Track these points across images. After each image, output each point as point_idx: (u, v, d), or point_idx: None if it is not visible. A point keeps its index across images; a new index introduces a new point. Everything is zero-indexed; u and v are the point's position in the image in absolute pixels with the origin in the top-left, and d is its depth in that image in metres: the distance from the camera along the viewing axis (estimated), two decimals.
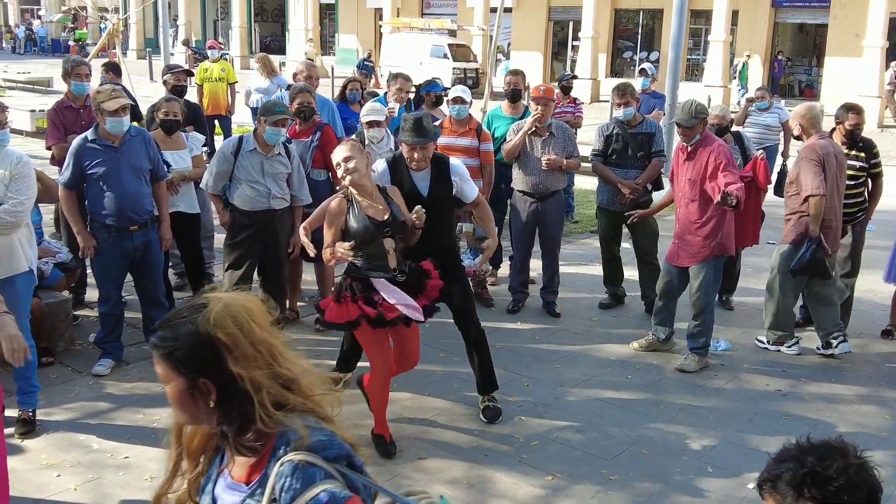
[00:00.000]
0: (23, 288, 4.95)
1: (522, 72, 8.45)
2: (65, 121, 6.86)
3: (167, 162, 6.58)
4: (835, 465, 1.78)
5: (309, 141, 6.77)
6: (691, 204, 6.12)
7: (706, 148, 6.02)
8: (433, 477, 4.66)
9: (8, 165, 4.81)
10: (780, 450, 1.89)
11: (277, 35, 42.72)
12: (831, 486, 1.76)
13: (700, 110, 6.04)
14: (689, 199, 6.13)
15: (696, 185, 6.06)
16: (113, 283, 5.88)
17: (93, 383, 5.74)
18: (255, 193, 6.14)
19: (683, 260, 6.24)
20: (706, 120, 6.16)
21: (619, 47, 32.06)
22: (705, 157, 5.98)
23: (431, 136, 5.23)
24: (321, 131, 6.82)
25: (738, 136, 7.45)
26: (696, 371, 6.21)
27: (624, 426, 5.37)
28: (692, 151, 6.08)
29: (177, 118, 6.69)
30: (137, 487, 4.46)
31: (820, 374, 6.28)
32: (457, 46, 30.41)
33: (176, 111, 6.69)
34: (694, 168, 6.06)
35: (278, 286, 6.46)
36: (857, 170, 6.72)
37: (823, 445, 1.83)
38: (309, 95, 6.88)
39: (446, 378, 5.95)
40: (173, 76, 7.96)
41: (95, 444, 4.90)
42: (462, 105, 7.38)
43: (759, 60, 27.77)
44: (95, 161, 5.61)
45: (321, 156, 6.75)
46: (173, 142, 6.72)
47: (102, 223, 5.70)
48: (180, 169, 6.60)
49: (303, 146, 6.71)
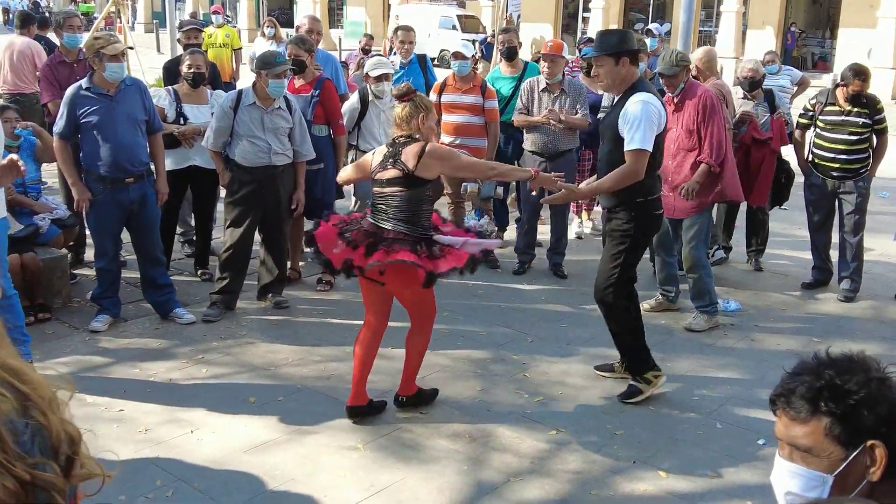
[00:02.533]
0: (1, 235, 4.83)
1: (514, 29, 8.28)
2: (59, 76, 6.71)
3: (185, 115, 6.44)
4: (854, 378, 1.64)
5: (309, 96, 6.59)
6: (689, 154, 6.05)
7: (693, 96, 6.01)
8: (435, 430, 4.54)
9: None
10: (796, 363, 1.74)
11: (285, 8, 42.37)
12: (850, 400, 1.62)
13: (682, 59, 6.04)
14: (686, 150, 6.06)
15: (692, 134, 6.01)
16: (109, 237, 5.76)
17: (89, 339, 5.64)
18: (255, 149, 5.98)
19: (679, 212, 6.15)
20: (689, 68, 6.15)
21: (630, 19, 31.66)
22: (695, 104, 5.98)
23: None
24: (322, 86, 6.64)
25: (768, 93, 7.29)
26: (705, 330, 6.08)
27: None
28: (679, 102, 6.05)
29: (201, 70, 6.50)
30: (131, 440, 4.36)
31: (833, 334, 6.14)
32: (466, 17, 30.12)
33: (200, 63, 6.51)
34: (685, 118, 6.03)
35: (278, 244, 6.33)
36: (860, 126, 6.64)
37: (844, 358, 1.69)
38: (298, 48, 6.62)
39: (449, 336, 5.83)
40: (184, 34, 7.74)
41: (89, 398, 4.78)
42: (463, 61, 7.22)
43: (772, 32, 27.37)
44: (90, 109, 5.48)
45: (322, 111, 6.58)
46: (197, 95, 6.56)
47: (98, 175, 5.58)
48: (198, 124, 6.44)
49: (303, 101, 6.53)
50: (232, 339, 5.69)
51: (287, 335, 5.78)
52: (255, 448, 4.29)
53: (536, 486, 4.06)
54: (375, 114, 6.92)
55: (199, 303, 6.27)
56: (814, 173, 6.93)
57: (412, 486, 4.02)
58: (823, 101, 6.83)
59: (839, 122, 6.67)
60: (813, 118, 6.88)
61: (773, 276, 7.42)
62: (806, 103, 7.07)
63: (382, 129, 6.94)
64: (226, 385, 5.02)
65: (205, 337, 5.70)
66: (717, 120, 5.99)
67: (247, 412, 4.67)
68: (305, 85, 6.65)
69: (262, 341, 5.68)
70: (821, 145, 6.82)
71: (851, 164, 6.71)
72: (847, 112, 6.63)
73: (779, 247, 8.11)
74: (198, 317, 5.96)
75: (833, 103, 6.73)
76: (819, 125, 6.82)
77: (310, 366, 5.31)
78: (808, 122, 6.95)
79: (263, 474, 4.07)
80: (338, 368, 5.26)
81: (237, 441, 4.37)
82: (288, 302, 6.31)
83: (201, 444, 4.34)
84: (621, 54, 4.68)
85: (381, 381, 4.99)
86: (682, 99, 6.04)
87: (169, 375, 5.11)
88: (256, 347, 5.57)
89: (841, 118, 6.66)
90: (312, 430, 4.51)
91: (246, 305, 6.29)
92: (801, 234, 7.80)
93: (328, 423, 4.59)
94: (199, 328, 5.82)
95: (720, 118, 6.05)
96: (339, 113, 6.67)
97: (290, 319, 6.08)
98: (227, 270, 6.11)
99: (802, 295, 6.97)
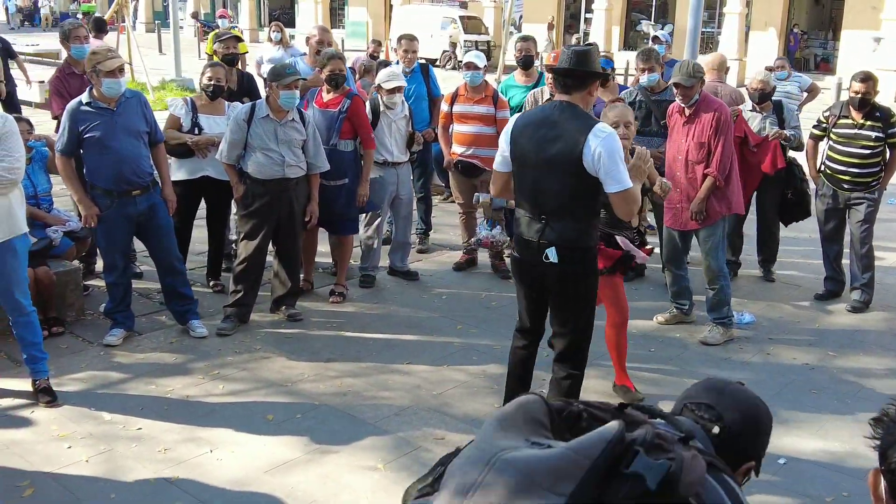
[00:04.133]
0: (22, 251, 4.83)
1: (533, 38, 8.25)
2: (69, 87, 6.67)
3: (200, 125, 6.42)
4: None
5: (337, 111, 6.55)
6: (698, 167, 6.02)
7: (708, 110, 5.95)
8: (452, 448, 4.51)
9: None
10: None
11: (286, 8, 42.34)
12: None
13: (698, 70, 5.99)
14: (696, 162, 6.02)
15: (703, 147, 5.97)
16: (118, 251, 5.75)
17: (104, 353, 5.62)
18: (268, 161, 5.96)
19: (691, 224, 6.12)
20: (703, 80, 6.11)
21: (632, 20, 31.65)
22: (709, 118, 5.92)
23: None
24: (351, 101, 6.60)
25: (777, 105, 7.26)
26: (720, 344, 6.06)
27: (647, 398, 5.22)
28: (693, 113, 6.00)
29: (220, 83, 6.50)
30: (150, 459, 4.34)
31: (848, 348, 6.12)
32: (468, 18, 30.08)
33: (220, 76, 6.50)
34: (697, 130, 5.98)
35: (292, 256, 6.31)
36: (873, 140, 6.63)
37: None
38: (341, 63, 6.63)
39: (464, 350, 5.82)
40: (222, 45, 7.48)
41: (107, 416, 4.78)
42: (475, 71, 7.21)
43: (775, 33, 27.37)
44: (92, 124, 5.46)
45: (349, 126, 6.55)
46: (213, 106, 6.54)
47: (103, 189, 5.57)
48: (213, 134, 6.42)
49: (330, 116, 6.52)
50: (247, 354, 5.67)
51: (302, 350, 5.76)
52: (276, 468, 4.27)
53: None
54: (387, 124, 6.91)
55: (211, 315, 6.25)
56: (825, 184, 6.92)
57: None
58: (837, 114, 6.82)
59: (852, 135, 6.66)
60: (826, 130, 6.87)
61: (786, 287, 7.41)
62: (820, 115, 7.05)
63: (394, 140, 6.94)
64: (243, 402, 5.00)
65: (220, 351, 5.68)
66: (728, 136, 5.97)
67: (265, 431, 4.65)
68: (333, 99, 6.61)
69: (278, 356, 5.66)
70: (833, 158, 6.82)
71: (863, 177, 6.71)
72: (860, 125, 6.62)
73: (790, 256, 8.09)
74: (211, 330, 5.95)
75: (846, 116, 6.72)
76: (832, 138, 6.82)
77: (326, 382, 5.29)
78: (822, 133, 6.94)
79: (285, 496, 4.05)
80: (354, 384, 5.24)
81: (257, 461, 4.36)
82: (301, 314, 6.29)
83: (221, 464, 4.32)
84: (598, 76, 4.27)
85: (399, 398, 4.98)
86: (697, 111, 5.99)
87: (186, 392, 5.09)
88: (272, 362, 5.55)
89: (854, 131, 6.65)
90: (332, 448, 4.49)
91: (259, 318, 6.27)
92: (811, 245, 7.79)
93: (347, 441, 4.57)
94: (213, 342, 5.81)
95: (731, 135, 6.04)
96: (368, 127, 6.62)
97: (304, 333, 6.06)
98: (240, 283, 6.09)
99: (815, 306, 6.96)
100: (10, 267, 4.72)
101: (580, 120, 4.03)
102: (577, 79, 4.09)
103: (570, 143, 3.98)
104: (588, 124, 4.00)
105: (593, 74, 4.13)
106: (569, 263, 4.14)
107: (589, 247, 4.23)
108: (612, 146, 3.97)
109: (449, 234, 8.60)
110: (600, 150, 3.92)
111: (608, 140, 3.96)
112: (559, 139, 4.02)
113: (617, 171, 3.97)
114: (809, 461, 4.55)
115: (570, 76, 4.09)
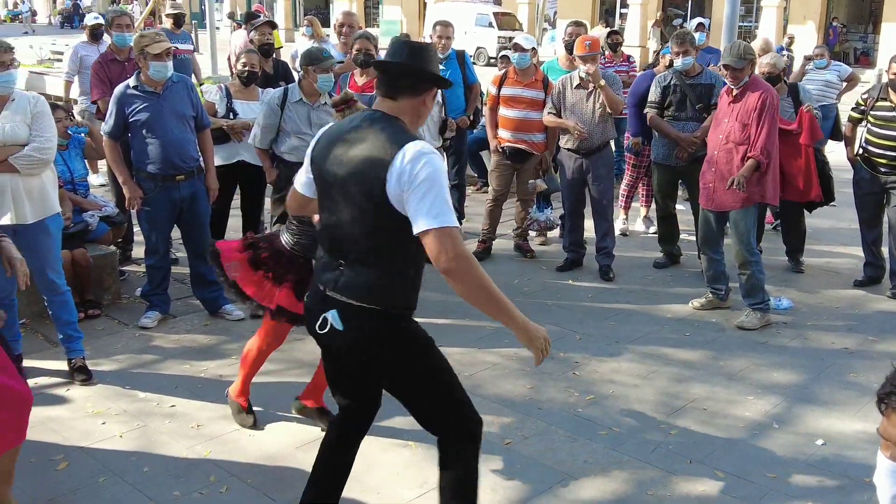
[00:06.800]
0: (56, 231, 4.90)
1: (584, 23, 8.18)
2: (110, 74, 6.78)
3: (235, 111, 6.46)
4: None
5: (371, 95, 6.57)
6: (740, 147, 5.92)
7: (755, 91, 5.88)
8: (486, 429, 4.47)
9: (26, 107, 4.71)
10: None
11: (322, 7, 42.57)
12: None
13: (748, 51, 5.90)
14: (738, 142, 5.93)
15: (746, 128, 5.88)
16: (160, 235, 5.79)
17: (139, 335, 5.67)
18: (302, 145, 5.96)
19: (726, 204, 6.04)
20: (754, 62, 6.02)
21: (668, 14, 31.36)
22: (755, 100, 5.84)
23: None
24: None
25: (792, 88, 7.15)
26: (757, 328, 5.98)
27: (683, 382, 5.17)
28: (740, 93, 5.92)
29: (254, 70, 6.55)
30: (184, 435, 4.37)
31: (889, 333, 6.00)
32: (502, 15, 30.01)
33: (254, 62, 6.55)
34: (742, 110, 5.90)
35: None
36: None
37: None
38: (369, 42, 6.68)
39: (496, 334, 5.78)
40: (258, 32, 7.48)
41: (142, 394, 4.82)
42: (523, 53, 7.13)
43: (814, 27, 26.98)
44: (139, 107, 5.51)
45: None
46: (247, 92, 6.58)
47: (148, 173, 5.60)
48: (248, 119, 6.47)
49: (369, 99, 6.53)
50: None
51: None
52: (308, 444, 4.28)
53: (591, 486, 4.01)
54: None
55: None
56: (863, 168, 6.80)
57: None
58: (875, 97, 6.69)
59: (891, 118, 6.53)
60: (864, 113, 6.75)
61: (824, 274, 7.29)
62: (858, 98, 6.93)
63: (426, 125, 6.92)
64: (276, 382, 5.02)
65: (253, 333, 5.68)
66: (773, 120, 5.86)
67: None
68: (368, 82, 6.62)
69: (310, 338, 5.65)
70: (871, 140, 6.69)
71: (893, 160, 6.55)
72: None
73: (829, 243, 7.97)
74: (245, 313, 5.97)
75: (885, 98, 6.59)
76: (870, 120, 6.69)
77: None
78: (860, 116, 6.82)
79: None
80: None
81: (290, 437, 4.37)
82: None
83: (254, 441, 4.35)
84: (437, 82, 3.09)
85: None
86: (744, 91, 5.91)
87: (219, 371, 5.12)
88: (304, 343, 5.56)
89: (892, 114, 6.52)
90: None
91: None
92: (849, 231, 7.66)
93: (378, 420, 4.51)
94: (247, 324, 5.83)
95: (775, 120, 5.93)
96: None
97: None
98: None
99: (854, 292, 6.84)
100: (44, 246, 4.78)
101: (392, 134, 2.85)
102: (413, 78, 2.97)
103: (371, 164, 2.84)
104: (400, 140, 2.82)
105: (432, 77, 3.01)
106: (359, 332, 3.09)
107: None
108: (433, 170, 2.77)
109: (480, 223, 8.56)
110: (414, 174, 2.75)
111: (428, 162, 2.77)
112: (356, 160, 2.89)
113: (435, 203, 2.74)
114: (848, 443, 4.47)
115: (406, 74, 2.97)
